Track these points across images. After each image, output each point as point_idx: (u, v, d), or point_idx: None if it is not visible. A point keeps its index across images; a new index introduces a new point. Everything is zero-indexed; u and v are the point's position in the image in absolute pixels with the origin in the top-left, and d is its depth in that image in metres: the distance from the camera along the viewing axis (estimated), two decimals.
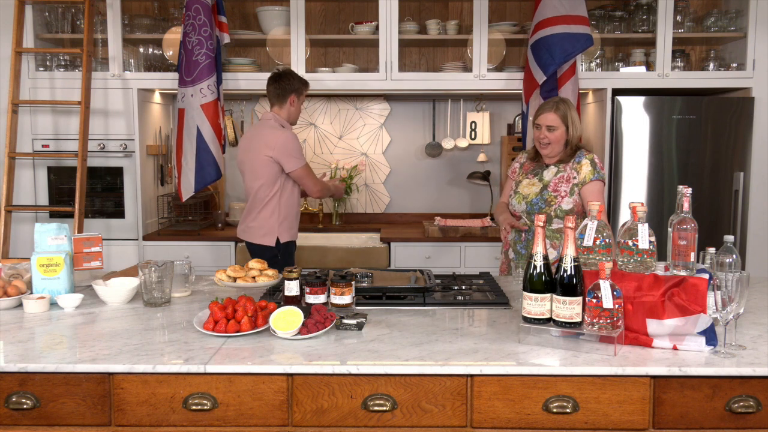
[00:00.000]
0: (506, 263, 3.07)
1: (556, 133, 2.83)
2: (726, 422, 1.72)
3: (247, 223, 3.41)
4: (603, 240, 1.93)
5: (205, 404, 1.73)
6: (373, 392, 1.73)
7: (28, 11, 3.89)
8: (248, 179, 3.40)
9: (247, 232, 3.41)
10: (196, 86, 3.76)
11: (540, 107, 2.93)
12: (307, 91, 3.50)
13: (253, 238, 3.38)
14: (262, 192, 3.32)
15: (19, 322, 2.11)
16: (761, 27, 3.84)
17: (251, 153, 3.35)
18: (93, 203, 4.07)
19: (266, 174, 3.30)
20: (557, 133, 2.84)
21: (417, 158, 4.66)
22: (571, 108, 2.87)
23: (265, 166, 3.29)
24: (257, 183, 3.33)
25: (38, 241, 2.41)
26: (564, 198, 2.83)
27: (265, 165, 3.29)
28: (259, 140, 3.32)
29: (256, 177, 3.33)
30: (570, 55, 3.65)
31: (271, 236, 3.35)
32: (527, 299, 1.86)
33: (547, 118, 2.84)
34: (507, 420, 1.73)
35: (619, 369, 1.70)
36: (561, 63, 3.66)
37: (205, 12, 3.74)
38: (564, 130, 2.84)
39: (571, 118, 2.84)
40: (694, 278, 1.81)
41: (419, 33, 4.12)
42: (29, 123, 3.99)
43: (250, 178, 3.38)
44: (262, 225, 3.35)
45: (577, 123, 2.86)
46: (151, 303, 2.30)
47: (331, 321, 1.97)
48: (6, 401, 1.75)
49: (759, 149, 3.89)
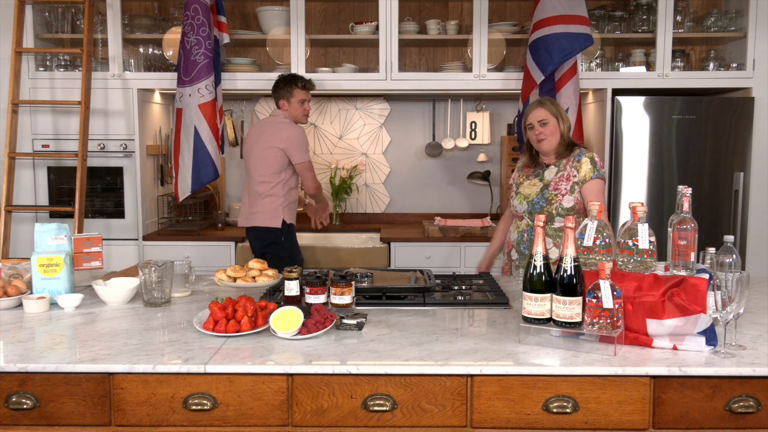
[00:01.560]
0: (509, 264, 3.07)
1: (549, 126, 2.86)
2: (726, 422, 1.72)
3: (252, 210, 3.62)
4: (603, 240, 1.93)
5: (205, 404, 1.73)
6: (373, 392, 1.73)
7: (28, 11, 3.89)
8: (254, 169, 3.61)
9: (252, 217, 3.62)
10: (194, 86, 3.76)
11: (526, 110, 2.98)
12: (303, 91, 3.62)
13: (260, 222, 3.59)
14: (269, 180, 3.56)
15: (19, 322, 2.11)
16: (761, 27, 3.84)
17: (260, 144, 3.59)
18: (93, 203, 4.07)
19: (274, 164, 3.55)
20: (550, 126, 2.86)
21: (417, 158, 4.66)
22: (555, 103, 2.92)
23: (274, 156, 3.54)
24: (266, 172, 3.56)
25: (38, 241, 2.41)
26: (565, 196, 2.83)
27: (274, 156, 3.54)
28: (269, 133, 3.58)
29: (266, 166, 3.56)
30: (569, 54, 3.65)
31: (277, 219, 3.58)
32: (527, 299, 1.86)
33: (537, 114, 2.88)
34: (507, 420, 1.73)
35: (619, 369, 1.70)
36: (560, 63, 3.66)
37: (203, 12, 3.74)
38: (555, 122, 2.87)
39: (558, 110, 2.89)
40: (694, 278, 1.81)
41: (419, 33, 4.12)
42: (29, 123, 3.99)
43: (257, 168, 3.60)
44: (267, 209, 3.58)
45: (564, 116, 2.91)
46: (151, 303, 2.30)
47: (331, 321, 1.97)
48: (6, 401, 1.75)
49: (759, 149, 3.89)
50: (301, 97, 3.62)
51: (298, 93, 3.61)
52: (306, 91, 3.66)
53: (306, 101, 3.67)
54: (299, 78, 3.66)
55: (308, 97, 3.67)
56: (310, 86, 3.69)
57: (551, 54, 3.64)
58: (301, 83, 3.64)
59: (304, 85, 3.65)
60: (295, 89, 3.61)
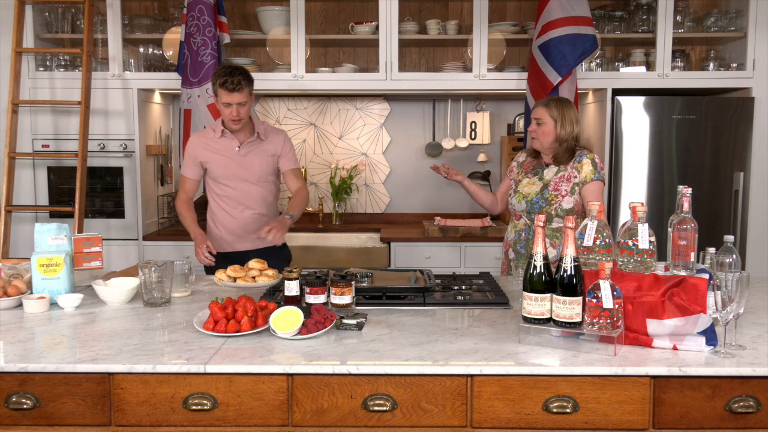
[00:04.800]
0: (507, 263, 3.07)
1: (543, 127, 2.86)
2: (726, 422, 1.72)
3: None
4: (603, 240, 1.93)
5: (205, 404, 1.73)
6: (373, 392, 1.73)
7: (28, 11, 3.89)
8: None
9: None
10: (202, 87, 3.78)
11: (536, 103, 2.98)
12: (226, 92, 2.84)
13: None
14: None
15: (19, 322, 2.11)
16: (761, 27, 3.84)
17: None
18: (93, 203, 4.07)
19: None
20: (544, 128, 2.85)
21: (417, 158, 4.66)
22: (566, 107, 2.86)
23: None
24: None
25: (38, 241, 2.41)
26: (565, 197, 2.84)
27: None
28: None
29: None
30: (582, 55, 3.69)
31: None
32: (527, 299, 1.86)
33: (537, 112, 2.89)
34: (507, 420, 1.73)
35: (619, 369, 1.70)
36: (575, 64, 3.69)
37: (208, 12, 3.76)
38: (552, 125, 2.85)
39: (562, 116, 2.83)
40: (694, 278, 1.81)
41: (419, 33, 4.11)
42: (29, 123, 3.99)
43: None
44: None
45: (569, 122, 2.84)
46: (151, 303, 2.30)
47: (331, 321, 1.97)
48: (6, 401, 1.75)
49: (759, 149, 3.89)
50: (223, 100, 2.86)
51: (220, 93, 2.86)
52: (229, 92, 2.83)
53: (232, 105, 2.85)
54: (225, 70, 2.86)
55: (233, 99, 2.83)
56: (237, 86, 2.82)
57: (566, 56, 3.67)
58: (221, 80, 2.83)
59: (224, 83, 2.82)
60: (218, 88, 2.86)
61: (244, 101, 2.89)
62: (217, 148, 3.05)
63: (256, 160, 3.05)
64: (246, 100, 2.90)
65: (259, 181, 3.08)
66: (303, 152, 4.62)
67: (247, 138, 3.04)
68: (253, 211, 3.09)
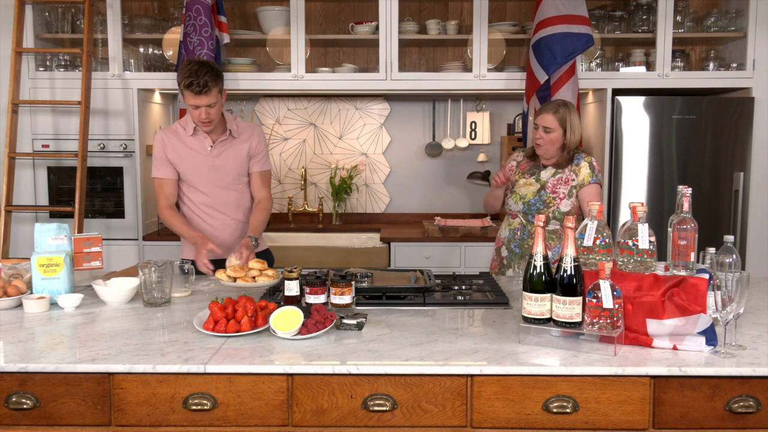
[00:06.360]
0: (498, 261, 3.05)
1: (552, 135, 2.82)
2: (726, 422, 1.72)
3: None
4: (603, 240, 1.93)
5: (205, 404, 1.73)
6: (373, 392, 1.73)
7: (28, 11, 3.89)
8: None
9: None
10: None
11: (541, 108, 2.92)
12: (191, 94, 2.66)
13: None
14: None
15: (19, 322, 2.11)
16: (761, 27, 3.84)
17: None
18: (93, 203, 4.07)
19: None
20: (552, 136, 2.82)
21: (417, 158, 4.66)
22: (572, 112, 2.83)
23: None
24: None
25: (38, 241, 2.41)
26: (562, 200, 2.83)
27: None
28: None
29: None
30: (572, 54, 3.65)
31: None
32: (527, 299, 1.86)
33: (545, 119, 2.83)
34: (507, 420, 1.73)
35: (619, 369, 1.70)
36: (563, 63, 3.66)
37: (205, 12, 3.75)
38: (561, 133, 2.82)
39: (570, 123, 2.80)
40: (694, 278, 1.81)
41: (419, 33, 4.11)
42: (29, 123, 3.99)
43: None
44: None
45: (576, 128, 2.82)
46: (151, 303, 2.30)
47: (331, 321, 1.97)
48: (6, 401, 1.75)
49: (759, 149, 3.89)
50: (190, 102, 2.68)
51: (186, 95, 2.68)
52: (196, 95, 2.65)
53: (201, 107, 2.68)
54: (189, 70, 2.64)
55: (201, 102, 2.66)
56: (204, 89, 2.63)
57: (554, 54, 3.64)
58: (186, 81, 2.63)
59: (190, 85, 2.63)
60: (183, 89, 2.67)
61: (213, 102, 2.68)
62: (187, 148, 2.85)
63: (230, 160, 2.87)
64: (215, 100, 2.69)
65: (234, 184, 2.90)
66: (303, 152, 4.62)
67: (219, 137, 2.85)
68: (229, 218, 2.93)
